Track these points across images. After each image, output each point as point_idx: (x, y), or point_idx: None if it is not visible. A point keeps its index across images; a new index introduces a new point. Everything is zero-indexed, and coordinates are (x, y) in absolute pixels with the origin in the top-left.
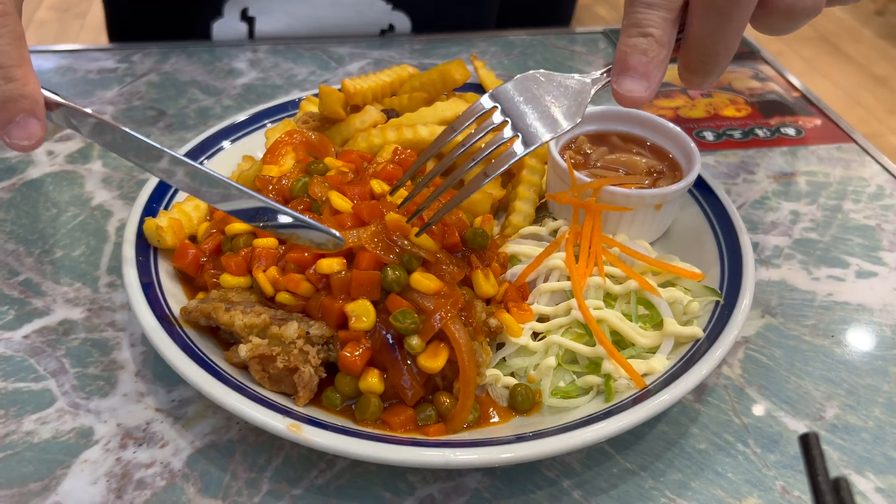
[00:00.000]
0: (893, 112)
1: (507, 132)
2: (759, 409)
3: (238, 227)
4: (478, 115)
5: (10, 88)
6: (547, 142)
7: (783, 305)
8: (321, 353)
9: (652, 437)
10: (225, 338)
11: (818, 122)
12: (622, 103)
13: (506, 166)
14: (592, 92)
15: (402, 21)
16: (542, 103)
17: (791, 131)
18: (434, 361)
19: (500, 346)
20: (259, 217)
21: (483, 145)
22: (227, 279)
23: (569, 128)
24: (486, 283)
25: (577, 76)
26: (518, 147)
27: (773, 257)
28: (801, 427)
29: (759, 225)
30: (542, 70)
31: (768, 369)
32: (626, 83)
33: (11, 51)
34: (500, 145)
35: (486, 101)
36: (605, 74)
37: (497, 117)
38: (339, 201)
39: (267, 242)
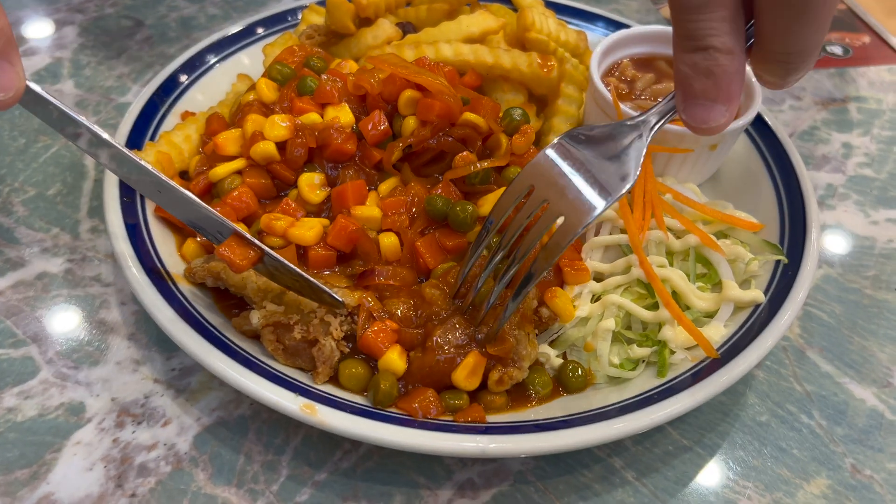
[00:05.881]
0: None
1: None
2: (821, 375)
3: (221, 170)
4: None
5: None
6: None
7: (840, 253)
8: (344, 325)
9: (709, 408)
10: (218, 285)
11: (866, 39)
12: (700, 134)
13: (562, 249)
14: (647, 142)
15: None
16: (586, 174)
17: (838, 50)
18: (469, 382)
19: None
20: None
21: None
22: None
23: (624, 192)
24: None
25: (628, 124)
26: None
27: (826, 197)
28: (867, 395)
29: (809, 160)
30: (581, 128)
31: (829, 328)
32: (697, 113)
33: None
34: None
35: (523, 180)
36: (664, 108)
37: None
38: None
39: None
